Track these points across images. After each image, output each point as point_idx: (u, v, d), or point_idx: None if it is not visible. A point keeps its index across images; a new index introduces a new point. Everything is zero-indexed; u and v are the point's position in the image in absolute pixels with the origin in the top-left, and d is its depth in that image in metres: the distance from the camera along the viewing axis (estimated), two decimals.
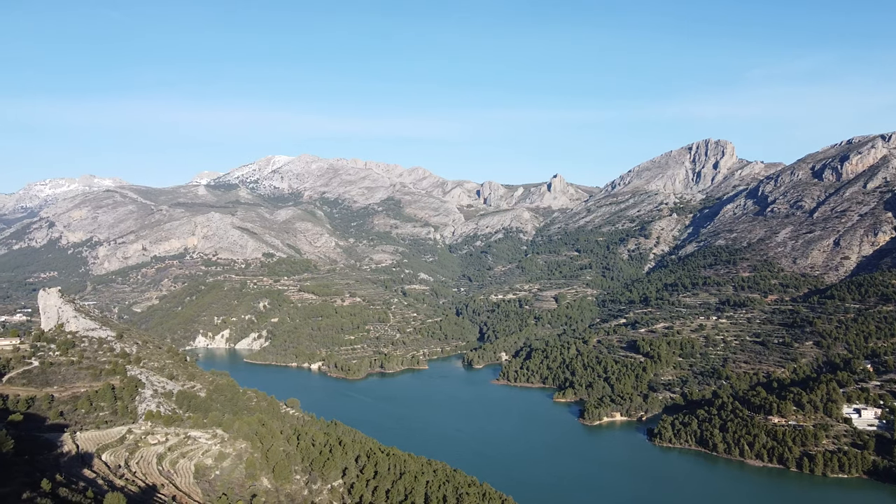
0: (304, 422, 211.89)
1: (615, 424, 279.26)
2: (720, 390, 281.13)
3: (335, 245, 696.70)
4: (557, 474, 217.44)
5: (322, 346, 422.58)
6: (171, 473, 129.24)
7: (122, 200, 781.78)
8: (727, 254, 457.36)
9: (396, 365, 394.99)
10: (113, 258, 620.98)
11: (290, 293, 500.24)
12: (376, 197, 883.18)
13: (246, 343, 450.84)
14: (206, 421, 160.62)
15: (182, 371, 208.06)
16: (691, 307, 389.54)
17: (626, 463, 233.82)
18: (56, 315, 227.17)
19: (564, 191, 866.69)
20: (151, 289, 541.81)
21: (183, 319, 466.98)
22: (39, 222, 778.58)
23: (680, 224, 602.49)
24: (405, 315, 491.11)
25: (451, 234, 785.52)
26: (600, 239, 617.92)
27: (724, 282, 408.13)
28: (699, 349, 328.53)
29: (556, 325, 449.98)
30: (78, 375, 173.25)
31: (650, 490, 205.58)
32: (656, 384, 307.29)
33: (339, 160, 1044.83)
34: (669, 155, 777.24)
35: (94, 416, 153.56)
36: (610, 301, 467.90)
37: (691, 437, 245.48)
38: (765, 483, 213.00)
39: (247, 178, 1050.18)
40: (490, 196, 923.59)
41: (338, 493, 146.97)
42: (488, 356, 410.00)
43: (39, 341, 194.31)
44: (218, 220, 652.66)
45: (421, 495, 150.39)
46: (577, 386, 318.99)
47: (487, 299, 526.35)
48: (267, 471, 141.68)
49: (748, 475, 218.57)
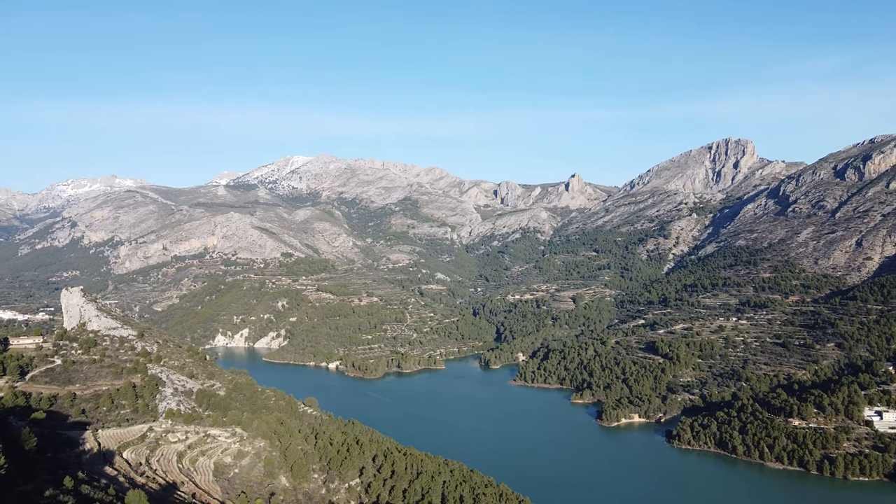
0: (321, 421, 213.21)
1: (633, 426, 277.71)
2: (740, 392, 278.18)
3: (353, 245, 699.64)
4: (575, 475, 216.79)
5: (340, 345, 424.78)
6: (190, 471, 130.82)
7: (143, 200, 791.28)
8: (747, 254, 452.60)
9: (413, 365, 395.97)
10: (134, 258, 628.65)
11: (309, 293, 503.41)
12: (393, 197, 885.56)
13: (265, 342, 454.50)
14: (225, 419, 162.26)
15: (202, 370, 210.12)
16: (711, 308, 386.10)
17: (644, 464, 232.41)
18: (78, 314, 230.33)
19: (582, 190, 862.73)
20: (172, 288, 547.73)
21: (202, 318, 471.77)
22: (62, 222, 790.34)
23: (699, 224, 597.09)
24: (422, 315, 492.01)
25: (468, 234, 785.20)
26: (619, 239, 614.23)
27: (744, 282, 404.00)
28: (719, 350, 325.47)
29: (573, 325, 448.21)
30: (100, 374, 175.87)
31: (669, 492, 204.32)
32: (675, 386, 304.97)
33: (356, 160, 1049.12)
34: (689, 154, 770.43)
35: (116, 413, 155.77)
36: (628, 302, 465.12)
37: (710, 439, 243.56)
38: (785, 486, 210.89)
39: (266, 178, 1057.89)
40: (507, 196, 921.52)
41: (355, 492, 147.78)
42: (505, 356, 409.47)
43: (62, 340, 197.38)
44: (237, 220, 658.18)
45: (438, 495, 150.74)
46: (594, 387, 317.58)
47: (504, 299, 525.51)
48: (285, 469, 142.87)
49: (768, 478, 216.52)
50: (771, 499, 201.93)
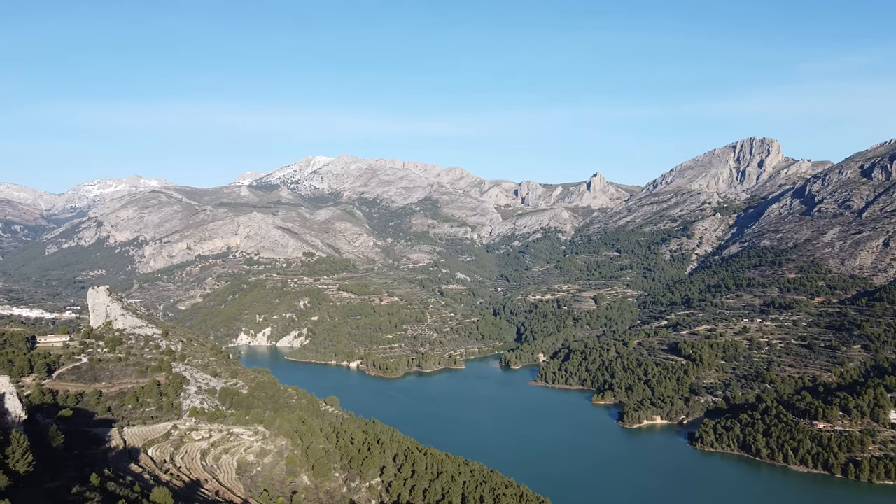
0: (342, 420, 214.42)
1: (655, 428, 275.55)
2: (764, 394, 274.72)
3: (373, 245, 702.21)
4: (596, 477, 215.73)
5: (360, 344, 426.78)
6: (214, 469, 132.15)
7: (168, 200, 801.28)
8: (772, 254, 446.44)
9: (434, 364, 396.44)
10: (158, 257, 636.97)
11: (330, 292, 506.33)
12: (414, 197, 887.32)
13: (287, 341, 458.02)
14: (248, 418, 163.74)
15: (225, 368, 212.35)
16: (735, 309, 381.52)
17: (666, 467, 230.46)
18: (104, 313, 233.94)
19: (604, 190, 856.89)
20: (195, 287, 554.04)
21: (226, 317, 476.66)
22: (88, 222, 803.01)
23: (723, 224, 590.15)
24: (442, 315, 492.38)
25: (488, 234, 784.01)
26: (641, 239, 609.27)
27: (768, 283, 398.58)
28: (743, 352, 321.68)
29: (595, 326, 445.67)
30: (125, 372, 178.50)
31: (691, 495, 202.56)
32: (698, 387, 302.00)
33: (377, 160, 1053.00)
34: (713, 153, 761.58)
35: (141, 411, 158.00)
36: (651, 302, 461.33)
37: (734, 441, 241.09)
38: (809, 489, 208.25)
39: (288, 178, 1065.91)
40: (528, 195, 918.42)
41: (376, 491, 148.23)
42: (526, 357, 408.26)
43: (88, 338, 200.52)
44: (260, 220, 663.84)
45: (458, 495, 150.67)
46: (616, 388, 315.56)
47: (525, 300, 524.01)
48: (307, 468, 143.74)
49: (792, 481, 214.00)
50: (795, 502, 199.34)
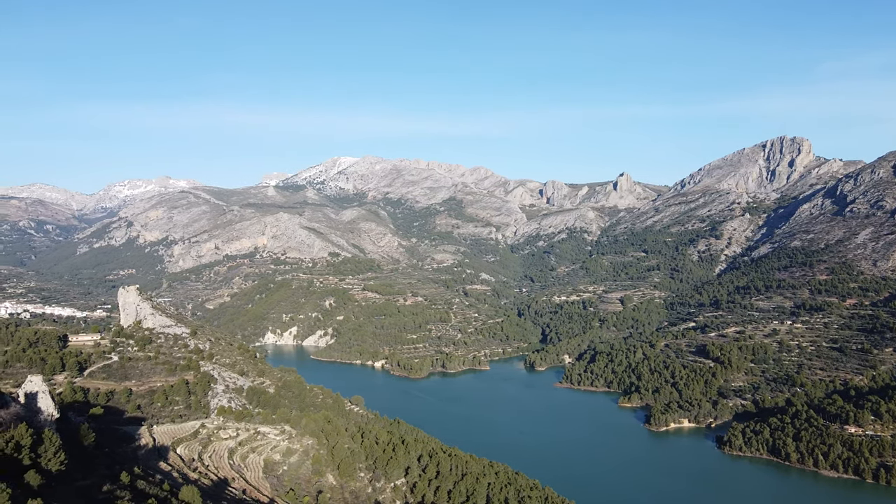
0: (367, 419, 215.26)
1: (682, 431, 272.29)
2: (794, 398, 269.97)
3: (398, 245, 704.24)
4: (622, 480, 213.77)
5: (385, 344, 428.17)
6: (241, 467, 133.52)
7: (196, 201, 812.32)
8: (803, 255, 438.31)
9: (458, 365, 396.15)
10: (187, 257, 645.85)
11: (355, 292, 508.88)
12: (438, 197, 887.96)
13: (312, 340, 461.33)
14: (274, 417, 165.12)
15: (252, 367, 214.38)
16: (764, 311, 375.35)
17: (693, 470, 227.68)
18: (134, 312, 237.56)
19: (631, 190, 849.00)
20: (223, 286, 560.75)
21: (253, 316, 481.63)
22: (118, 222, 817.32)
23: (753, 224, 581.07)
24: (466, 315, 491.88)
25: (512, 235, 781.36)
26: (669, 239, 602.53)
27: (799, 285, 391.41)
28: (772, 355, 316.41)
29: (621, 327, 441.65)
30: (154, 370, 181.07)
31: (719, 499, 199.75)
32: (726, 390, 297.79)
33: (401, 161, 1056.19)
34: (742, 153, 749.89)
35: (170, 409, 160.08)
36: (678, 304, 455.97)
37: (763, 445, 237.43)
38: (839, 494, 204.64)
39: (313, 179, 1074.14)
40: (553, 195, 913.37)
41: (400, 491, 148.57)
42: (551, 358, 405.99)
43: (119, 337, 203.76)
44: (286, 220, 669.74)
45: (483, 497, 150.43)
46: (643, 391, 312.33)
47: (550, 300, 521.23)
48: (332, 467, 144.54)
49: (822, 486, 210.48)
50: None
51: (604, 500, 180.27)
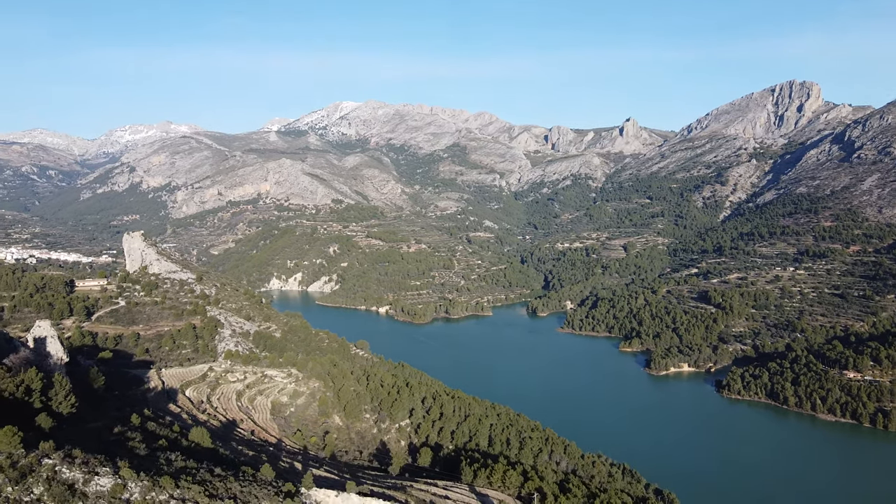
0: (372, 363, 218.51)
1: (682, 375, 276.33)
2: (794, 343, 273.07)
3: (401, 192, 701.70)
4: (622, 421, 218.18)
5: (389, 290, 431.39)
6: (249, 409, 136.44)
7: (198, 146, 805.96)
8: (808, 202, 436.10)
9: (461, 311, 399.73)
10: (190, 202, 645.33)
11: (359, 239, 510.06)
12: (442, 143, 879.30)
13: (317, 286, 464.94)
14: (281, 360, 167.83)
15: (258, 312, 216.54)
16: (768, 258, 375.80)
17: (693, 413, 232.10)
18: (140, 258, 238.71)
19: (637, 135, 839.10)
20: (227, 232, 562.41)
21: (258, 262, 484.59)
22: (121, 167, 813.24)
23: (759, 171, 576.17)
24: (469, 262, 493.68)
25: (516, 181, 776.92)
26: (674, 186, 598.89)
27: (803, 231, 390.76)
28: (774, 301, 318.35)
29: (624, 274, 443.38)
30: (161, 315, 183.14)
31: (717, 440, 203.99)
32: (727, 336, 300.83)
33: (404, 106, 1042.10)
34: (750, 97, 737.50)
35: (178, 353, 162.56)
36: (682, 250, 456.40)
37: (761, 389, 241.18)
38: (836, 437, 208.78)
39: (315, 124, 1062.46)
40: (558, 141, 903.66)
41: (405, 432, 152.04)
42: (553, 304, 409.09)
43: (125, 282, 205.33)
44: (289, 166, 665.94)
45: (485, 437, 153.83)
46: (643, 336, 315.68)
47: (553, 247, 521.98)
48: (338, 409, 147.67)
49: (819, 430, 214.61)
50: (822, 450, 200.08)
51: (604, 442, 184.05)
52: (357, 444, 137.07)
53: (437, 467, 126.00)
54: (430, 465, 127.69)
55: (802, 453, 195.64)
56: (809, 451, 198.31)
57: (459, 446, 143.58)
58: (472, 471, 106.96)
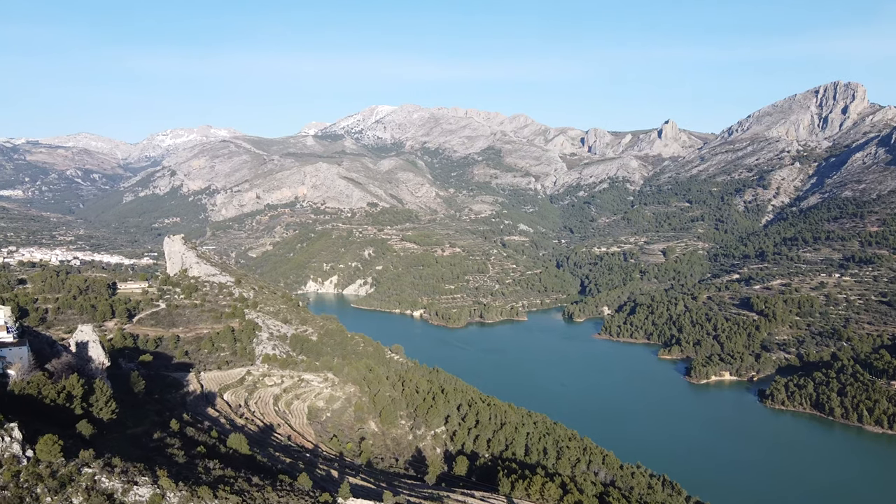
0: (407, 368, 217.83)
1: (724, 384, 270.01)
2: (840, 352, 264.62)
3: (435, 195, 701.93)
4: (662, 431, 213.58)
5: (423, 294, 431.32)
6: (286, 414, 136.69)
7: (237, 150, 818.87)
8: (854, 206, 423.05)
9: (495, 315, 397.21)
10: (229, 205, 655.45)
11: (393, 242, 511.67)
12: (476, 146, 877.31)
13: (353, 289, 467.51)
14: (317, 364, 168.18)
15: (295, 315, 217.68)
16: (812, 263, 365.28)
17: (734, 422, 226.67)
18: (180, 260, 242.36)
19: (676, 138, 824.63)
20: (265, 235, 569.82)
21: (294, 265, 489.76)
22: (162, 171, 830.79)
23: (802, 174, 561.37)
24: (504, 266, 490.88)
25: (552, 184, 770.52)
26: (714, 189, 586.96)
27: (849, 236, 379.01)
28: (818, 308, 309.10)
29: (662, 279, 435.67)
30: (201, 318, 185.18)
31: (761, 452, 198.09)
32: (770, 344, 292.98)
33: (439, 109, 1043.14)
34: (793, 99, 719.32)
35: (216, 356, 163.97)
36: (722, 255, 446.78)
37: (806, 400, 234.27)
38: (884, 450, 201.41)
39: (351, 128, 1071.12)
40: (595, 144, 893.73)
41: (440, 439, 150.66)
42: (590, 310, 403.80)
43: (166, 285, 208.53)
44: (325, 170, 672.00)
45: (521, 446, 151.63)
46: (683, 343, 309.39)
47: (590, 252, 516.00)
48: (374, 415, 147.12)
49: (866, 442, 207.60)
50: (869, 463, 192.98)
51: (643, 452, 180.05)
52: (393, 451, 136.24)
53: (474, 476, 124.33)
54: (466, 473, 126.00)
55: (849, 466, 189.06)
56: (856, 464, 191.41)
57: (496, 455, 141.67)
58: (509, 482, 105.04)
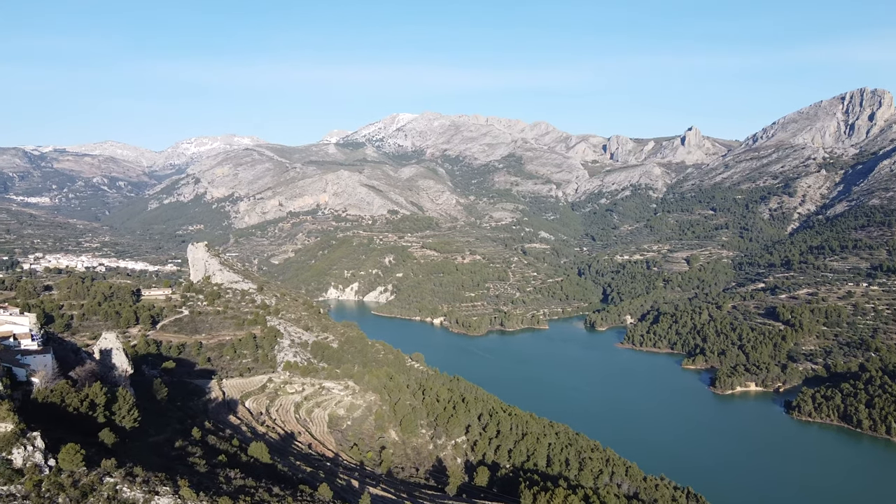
0: (427, 376, 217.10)
1: (749, 394, 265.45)
2: (868, 363, 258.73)
3: (456, 202, 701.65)
4: (687, 443, 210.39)
5: (443, 301, 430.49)
6: (307, 421, 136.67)
7: (260, 158, 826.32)
8: (882, 214, 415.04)
9: (516, 324, 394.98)
10: (252, 213, 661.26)
11: (414, 249, 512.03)
12: (497, 154, 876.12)
13: (373, 296, 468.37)
14: (338, 371, 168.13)
15: (316, 322, 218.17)
16: (839, 272, 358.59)
17: (761, 434, 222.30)
18: (203, 267, 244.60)
19: (700, 145, 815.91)
20: (287, 242, 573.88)
21: (316, 272, 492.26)
22: (186, 178, 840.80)
23: (829, 181, 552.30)
24: (525, 274, 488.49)
25: (573, 192, 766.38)
26: (738, 197, 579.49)
27: (877, 245, 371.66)
28: (846, 318, 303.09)
29: (686, 288, 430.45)
30: (223, 324, 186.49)
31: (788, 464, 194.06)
32: (796, 354, 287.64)
33: (460, 117, 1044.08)
34: (819, 105, 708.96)
35: (238, 363, 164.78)
36: (747, 264, 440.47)
37: (833, 411, 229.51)
38: None
39: (373, 136, 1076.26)
40: (617, 151, 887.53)
41: (461, 449, 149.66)
42: (612, 319, 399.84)
43: (189, 292, 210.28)
44: (347, 177, 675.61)
45: (543, 457, 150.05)
46: (708, 353, 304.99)
47: (612, 259, 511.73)
48: (394, 423, 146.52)
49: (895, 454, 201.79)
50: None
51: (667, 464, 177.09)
52: (413, 461, 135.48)
53: (495, 488, 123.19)
54: (487, 485, 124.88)
55: (878, 479, 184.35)
56: (886, 477, 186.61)
57: (517, 466, 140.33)
58: (531, 494, 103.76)
